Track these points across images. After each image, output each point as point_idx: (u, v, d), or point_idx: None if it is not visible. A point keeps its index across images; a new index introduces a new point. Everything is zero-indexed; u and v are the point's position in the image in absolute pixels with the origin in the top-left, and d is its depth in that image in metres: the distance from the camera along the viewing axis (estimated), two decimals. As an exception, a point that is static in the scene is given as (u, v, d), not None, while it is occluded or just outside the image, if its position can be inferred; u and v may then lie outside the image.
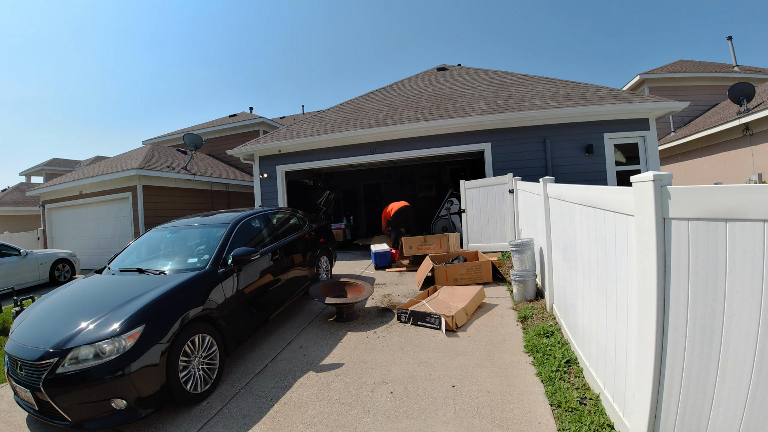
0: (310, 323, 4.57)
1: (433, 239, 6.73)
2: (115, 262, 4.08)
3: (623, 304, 1.99)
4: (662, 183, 1.58)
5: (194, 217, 4.80)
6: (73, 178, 11.75)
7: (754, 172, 9.18)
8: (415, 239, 6.84)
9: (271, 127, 15.99)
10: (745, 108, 9.35)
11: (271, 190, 9.57)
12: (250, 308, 3.82)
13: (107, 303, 2.96)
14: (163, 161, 11.65)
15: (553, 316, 3.87)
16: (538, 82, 9.51)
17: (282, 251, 4.67)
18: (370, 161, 9.20)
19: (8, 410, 3.09)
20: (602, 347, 2.34)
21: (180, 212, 10.31)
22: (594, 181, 7.37)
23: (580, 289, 2.82)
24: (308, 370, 3.37)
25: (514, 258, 4.68)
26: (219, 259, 3.61)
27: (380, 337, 3.94)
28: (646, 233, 1.64)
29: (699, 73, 13.40)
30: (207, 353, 3.11)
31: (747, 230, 1.27)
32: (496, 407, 2.56)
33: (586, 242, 2.61)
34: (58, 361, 2.51)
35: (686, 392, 1.52)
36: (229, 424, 2.66)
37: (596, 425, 2.19)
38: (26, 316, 3.15)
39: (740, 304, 1.30)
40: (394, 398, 2.79)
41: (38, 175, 22.21)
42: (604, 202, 2.19)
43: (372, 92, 11.67)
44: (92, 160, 22.40)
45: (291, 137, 9.26)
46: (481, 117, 7.88)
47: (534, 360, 3.12)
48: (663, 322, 1.60)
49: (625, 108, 7.55)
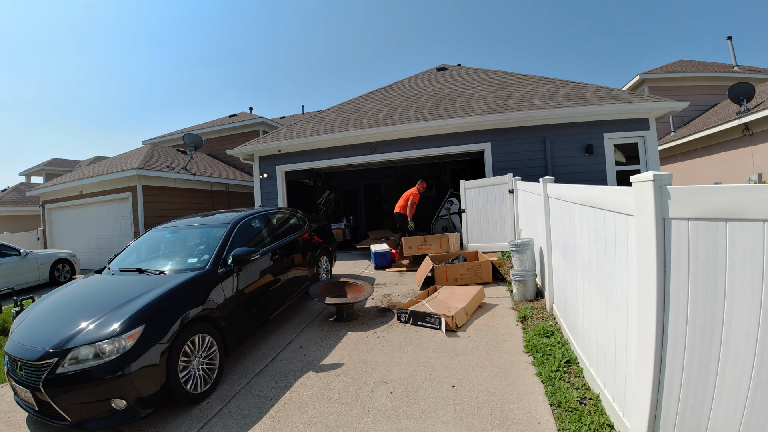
0: (310, 323, 4.57)
1: (432, 239, 6.74)
2: (115, 262, 4.08)
3: (623, 304, 1.99)
4: (662, 183, 1.58)
5: (194, 217, 4.80)
6: (73, 178, 11.75)
7: (754, 172, 9.18)
8: (415, 239, 6.85)
9: (271, 127, 15.98)
10: (745, 108, 9.35)
11: (271, 190, 9.56)
12: (250, 308, 3.82)
13: (107, 303, 2.96)
14: (163, 161, 11.64)
15: (553, 316, 3.87)
16: (537, 82, 9.51)
17: (282, 251, 4.67)
18: (369, 161, 9.19)
19: (8, 410, 3.09)
20: (602, 347, 2.34)
21: (180, 212, 10.31)
22: (594, 181, 7.37)
23: (580, 289, 2.82)
24: (308, 370, 3.37)
25: (514, 258, 4.68)
26: (219, 259, 3.61)
27: (380, 337, 3.94)
28: (646, 233, 1.64)
29: (699, 73, 13.39)
30: (207, 353, 3.11)
31: (747, 230, 1.27)
32: (496, 407, 2.56)
33: (586, 242, 2.61)
34: (58, 361, 2.51)
35: (686, 392, 1.52)
36: (229, 424, 2.66)
37: (596, 425, 2.19)
38: (26, 317, 3.15)
39: (740, 304, 1.30)
40: (394, 398, 2.79)
41: (38, 175, 22.20)
42: (604, 202, 2.19)
43: (372, 92, 11.67)
44: (92, 160, 22.40)
45: (291, 137, 9.26)
46: (481, 117, 7.88)
47: (534, 360, 3.12)
48: (663, 322, 1.60)
49: (625, 108, 7.55)
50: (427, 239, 6.74)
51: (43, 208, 12.23)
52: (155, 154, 12.18)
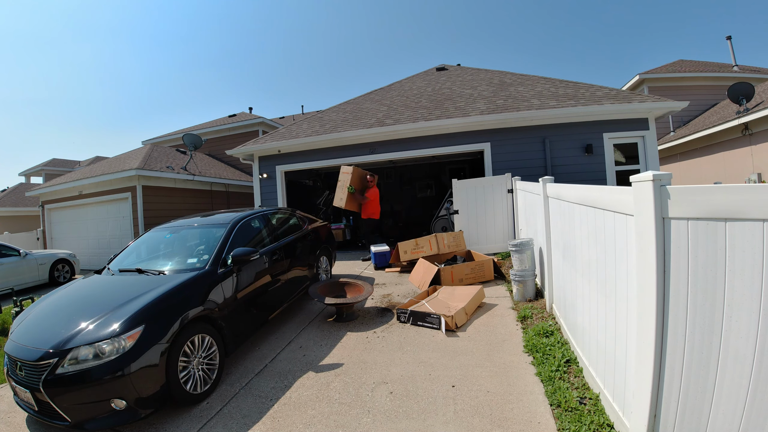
0: (310, 323, 4.57)
1: (423, 242, 6.78)
2: (115, 262, 4.08)
3: (623, 303, 1.99)
4: (661, 183, 1.58)
5: (194, 218, 4.79)
6: (72, 178, 11.74)
7: (754, 171, 9.19)
8: (407, 243, 6.90)
9: (270, 127, 15.98)
10: (745, 108, 9.36)
11: (271, 190, 9.56)
12: (249, 308, 3.82)
13: (107, 303, 2.95)
14: (163, 161, 11.64)
15: (553, 316, 3.87)
16: (537, 81, 9.51)
17: (281, 251, 4.67)
18: (369, 161, 9.19)
19: (8, 411, 3.08)
20: (602, 347, 2.34)
21: (179, 212, 10.31)
22: (593, 181, 7.38)
23: (579, 289, 2.82)
24: (308, 370, 3.37)
25: (513, 258, 4.68)
26: (218, 259, 3.61)
27: (380, 337, 3.94)
28: (646, 233, 1.64)
29: (698, 73, 13.41)
30: (207, 353, 3.11)
31: (747, 230, 1.27)
32: (495, 407, 2.56)
33: (586, 242, 2.61)
34: (58, 361, 2.50)
35: (686, 392, 1.53)
36: (229, 425, 2.66)
37: (596, 425, 2.19)
38: (26, 317, 3.15)
39: (740, 304, 1.30)
40: (394, 398, 2.79)
41: (38, 175, 22.18)
42: (604, 202, 2.20)
43: (371, 92, 11.67)
44: (92, 161, 22.38)
45: (290, 137, 9.26)
46: (481, 117, 7.88)
47: (534, 360, 3.12)
48: (663, 322, 1.60)
49: (625, 108, 7.56)
50: (418, 242, 6.79)
51: (43, 209, 12.22)
52: (155, 154, 12.18)
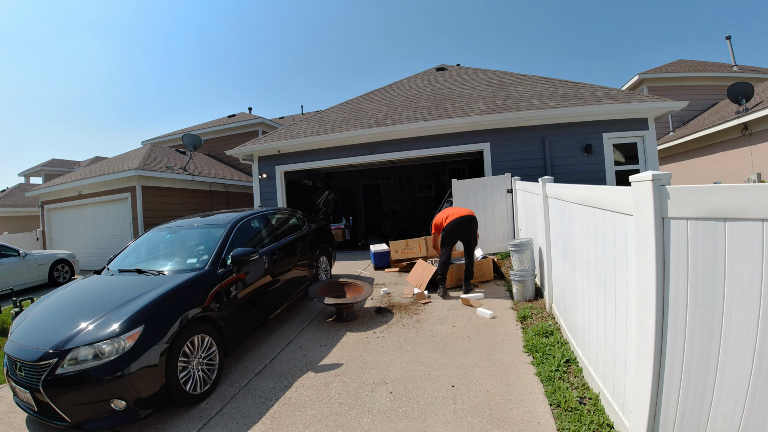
0: (310, 323, 4.57)
1: (413, 243, 6.81)
2: (114, 262, 4.08)
3: (622, 303, 1.99)
4: (661, 182, 1.58)
5: (193, 218, 4.79)
6: (72, 178, 11.73)
7: (753, 171, 9.19)
8: (398, 243, 6.95)
9: (270, 128, 15.98)
10: (744, 107, 9.36)
11: (271, 191, 9.56)
12: (249, 308, 3.82)
13: (106, 304, 2.95)
14: (162, 162, 11.63)
15: (553, 316, 3.87)
16: (536, 81, 9.51)
17: (281, 251, 4.67)
18: (369, 161, 9.19)
19: (8, 411, 3.08)
20: (601, 347, 2.34)
21: (179, 213, 10.30)
22: (593, 181, 7.38)
23: (579, 289, 2.82)
24: (308, 370, 3.37)
25: (513, 258, 4.68)
26: (218, 259, 3.61)
27: (379, 337, 3.94)
28: (645, 233, 1.64)
29: (698, 73, 13.41)
30: (206, 354, 3.11)
31: (746, 230, 1.27)
32: (495, 407, 2.56)
33: (586, 242, 2.61)
34: (58, 361, 2.50)
35: (686, 391, 1.53)
36: (229, 425, 2.66)
37: (596, 425, 2.19)
38: (25, 317, 3.15)
39: (739, 304, 1.31)
40: (394, 398, 2.79)
41: (37, 175, 22.16)
42: (603, 202, 2.20)
43: (371, 92, 11.66)
44: (91, 161, 22.36)
45: (290, 137, 9.26)
46: (480, 117, 7.88)
47: (533, 360, 3.12)
48: (662, 322, 1.60)
49: (624, 108, 7.56)
50: (408, 243, 6.81)
51: (42, 209, 12.21)
52: (154, 154, 12.17)
